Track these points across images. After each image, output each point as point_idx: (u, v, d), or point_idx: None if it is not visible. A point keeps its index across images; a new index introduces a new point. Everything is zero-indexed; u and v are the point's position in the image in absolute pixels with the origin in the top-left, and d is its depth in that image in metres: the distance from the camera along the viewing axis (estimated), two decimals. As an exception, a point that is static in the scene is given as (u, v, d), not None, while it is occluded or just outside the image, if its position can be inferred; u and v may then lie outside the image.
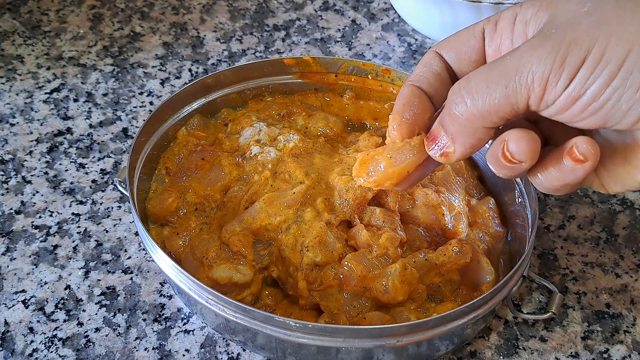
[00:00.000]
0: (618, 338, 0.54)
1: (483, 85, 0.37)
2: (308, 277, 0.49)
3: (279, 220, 0.51)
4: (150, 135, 0.57)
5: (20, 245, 0.58)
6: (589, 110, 0.35)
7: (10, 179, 0.64)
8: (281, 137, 0.57)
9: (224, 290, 0.49)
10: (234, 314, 0.46)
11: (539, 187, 0.41)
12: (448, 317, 0.45)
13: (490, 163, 0.40)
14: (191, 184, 0.56)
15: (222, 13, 0.85)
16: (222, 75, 0.62)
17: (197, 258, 0.50)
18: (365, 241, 0.50)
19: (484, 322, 0.51)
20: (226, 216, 0.53)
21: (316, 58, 0.64)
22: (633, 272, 0.58)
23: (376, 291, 0.49)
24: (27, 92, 0.72)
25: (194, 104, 0.61)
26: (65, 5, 0.84)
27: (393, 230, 0.51)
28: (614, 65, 0.34)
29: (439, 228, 0.54)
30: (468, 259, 0.51)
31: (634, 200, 0.64)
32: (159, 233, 0.55)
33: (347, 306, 0.49)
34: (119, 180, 0.55)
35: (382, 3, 0.88)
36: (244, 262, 0.50)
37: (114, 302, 0.55)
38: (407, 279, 0.49)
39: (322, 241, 0.49)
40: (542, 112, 0.37)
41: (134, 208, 0.50)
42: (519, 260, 0.49)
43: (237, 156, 0.57)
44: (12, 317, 0.53)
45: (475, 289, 0.51)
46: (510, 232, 0.56)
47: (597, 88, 0.35)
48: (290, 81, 0.65)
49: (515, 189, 0.56)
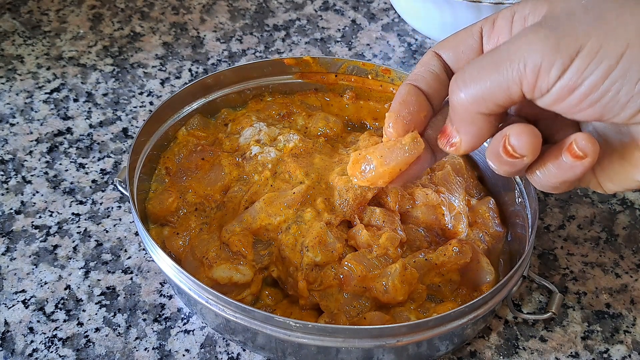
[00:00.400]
0: (618, 338, 0.54)
1: (475, 73, 0.37)
2: (308, 277, 0.49)
3: (279, 220, 0.51)
4: (150, 135, 0.57)
5: (20, 245, 0.58)
6: (587, 101, 0.35)
7: (10, 179, 0.64)
8: (281, 137, 0.57)
9: (224, 290, 0.49)
10: (234, 314, 0.46)
11: (537, 185, 0.41)
12: (448, 317, 0.45)
13: (490, 160, 0.40)
14: (191, 184, 0.56)
15: (222, 13, 0.85)
16: (222, 75, 0.62)
17: (197, 258, 0.50)
18: (365, 241, 0.50)
19: (484, 322, 0.51)
20: (226, 216, 0.53)
21: (316, 58, 0.64)
22: (633, 272, 0.58)
23: (376, 291, 0.49)
24: (27, 92, 0.72)
25: (194, 104, 0.61)
26: (65, 5, 0.84)
27: (393, 230, 0.51)
28: (612, 59, 0.34)
29: (439, 228, 0.54)
30: (468, 259, 0.51)
31: (634, 200, 0.64)
32: (159, 233, 0.55)
33: (347, 306, 0.49)
34: (119, 180, 0.55)
35: (382, 3, 0.88)
36: (244, 262, 0.50)
37: (114, 302, 0.55)
38: (407, 279, 0.49)
39: (322, 241, 0.49)
40: (537, 100, 0.37)
41: (134, 208, 0.50)
42: (519, 260, 0.49)
43: (237, 156, 0.57)
44: (12, 317, 0.53)
45: (475, 289, 0.51)
46: (510, 232, 0.56)
47: (594, 80, 0.35)
48: (290, 81, 0.65)
49: (515, 189, 0.56)
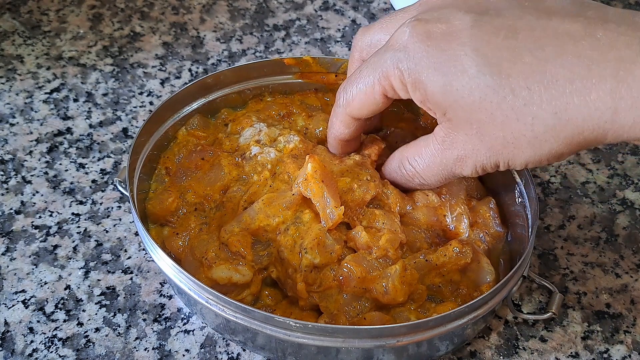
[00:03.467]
0: (618, 338, 0.54)
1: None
2: (307, 278, 0.49)
3: (277, 222, 0.51)
4: (150, 135, 0.57)
5: (20, 245, 0.58)
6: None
7: (10, 179, 0.64)
8: (281, 137, 0.57)
9: (223, 290, 0.49)
10: (234, 314, 0.46)
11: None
12: (448, 317, 0.45)
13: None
14: (191, 184, 0.56)
15: (222, 13, 0.85)
16: (222, 75, 0.62)
17: (197, 258, 0.50)
18: (364, 243, 0.50)
19: (484, 322, 0.51)
20: (225, 216, 0.53)
21: (316, 58, 0.64)
22: (633, 272, 0.58)
23: (376, 292, 0.49)
24: (27, 92, 0.72)
25: (194, 104, 0.61)
26: (65, 5, 0.84)
27: (393, 232, 0.51)
28: (521, 168, 0.45)
29: (440, 229, 0.54)
30: (469, 259, 0.51)
31: (634, 200, 0.64)
32: (158, 233, 0.54)
33: (347, 307, 0.49)
34: (119, 180, 0.55)
35: (382, 3, 0.88)
36: (243, 262, 0.50)
37: (114, 302, 0.55)
38: (407, 280, 0.49)
39: (320, 243, 0.49)
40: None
41: (133, 208, 0.50)
42: (519, 261, 0.49)
43: (237, 156, 0.57)
44: (12, 317, 0.53)
45: (475, 289, 0.51)
46: (510, 232, 0.56)
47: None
48: (290, 81, 0.65)
49: (516, 189, 0.56)
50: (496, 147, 0.43)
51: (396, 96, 0.46)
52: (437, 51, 0.42)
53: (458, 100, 0.42)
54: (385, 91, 0.46)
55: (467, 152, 0.44)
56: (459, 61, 0.41)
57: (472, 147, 0.44)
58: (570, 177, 0.66)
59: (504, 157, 0.43)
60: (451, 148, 0.45)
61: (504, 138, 0.42)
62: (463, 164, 0.45)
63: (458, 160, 0.45)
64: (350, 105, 0.49)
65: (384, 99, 0.47)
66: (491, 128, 0.42)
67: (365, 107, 0.48)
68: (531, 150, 0.42)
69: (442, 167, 0.47)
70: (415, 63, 0.43)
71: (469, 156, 0.44)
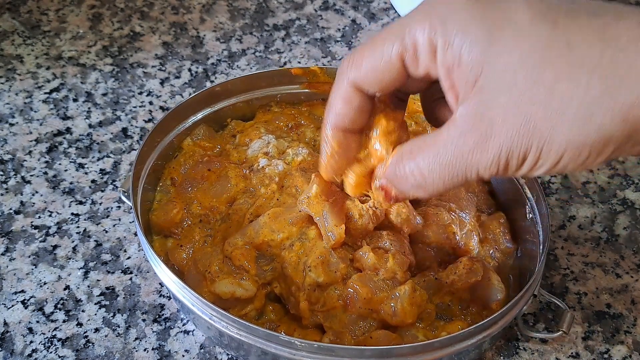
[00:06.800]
0: (619, 338, 0.54)
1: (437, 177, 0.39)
2: (310, 297, 0.47)
3: (282, 237, 0.50)
4: (155, 145, 0.57)
5: (20, 245, 0.58)
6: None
7: (10, 179, 0.64)
8: (290, 150, 0.56)
9: (226, 305, 0.48)
10: (237, 331, 0.45)
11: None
12: (457, 338, 0.44)
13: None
14: (196, 195, 0.55)
15: (222, 13, 0.85)
16: (228, 84, 0.61)
17: (200, 272, 0.49)
18: (371, 265, 0.48)
19: (492, 342, 0.50)
20: (230, 229, 0.52)
21: (323, 68, 0.63)
22: (633, 273, 0.58)
23: (384, 314, 0.47)
24: (26, 92, 0.72)
25: (199, 114, 0.60)
26: (65, 5, 0.84)
27: (402, 254, 0.49)
28: (551, 164, 0.36)
29: (449, 247, 0.52)
30: (479, 277, 0.49)
31: (634, 200, 0.64)
32: (162, 244, 0.54)
33: (352, 325, 0.47)
34: (123, 190, 0.54)
35: (382, 3, 0.87)
36: (246, 277, 0.49)
37: (114, 303, 0.54)
38: (417, 302, 0.47)
39: (325, 261, 0.48)
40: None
41: (137, 220, 0.49)
42: (529, 280, 0.48)
43: (245, 168, 0.56)
44: (11, 318, 0.53)
45: (485, 306, 0.50)
46: (520, 248, 0.55)
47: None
48: (297, 91, 0.64)
49: (527, 204, 0.55)
50: (535, 118, 0.35)
51: (414, 65, 0.39)
52: (481, 2, 0.36)
53: (500, 57, 0.35)
54: (404, 52, 0.38)
55: (494, 130, 0.36)
56: (508, 12, 0.35)
57: (502, 119, 0.35)
58: (570, 177, 0.66)
59: (540, 138, 0.35)
60: (473, 129, 0.36)
61: (548, 104, 0.34)
62: (483, 149, 0.36)
63: (479, 145, 0.36)
64: (357, 69, 0.40)
65: (399, 65, 0.39)
66: (535, 91, 0.35)
67: (376, 74, 0.40)
68: (576, 127, 0.34)
69: (453, 159, 0.38)
70: (453, 12, 0.36)
71: (497, 134, 0.36)
